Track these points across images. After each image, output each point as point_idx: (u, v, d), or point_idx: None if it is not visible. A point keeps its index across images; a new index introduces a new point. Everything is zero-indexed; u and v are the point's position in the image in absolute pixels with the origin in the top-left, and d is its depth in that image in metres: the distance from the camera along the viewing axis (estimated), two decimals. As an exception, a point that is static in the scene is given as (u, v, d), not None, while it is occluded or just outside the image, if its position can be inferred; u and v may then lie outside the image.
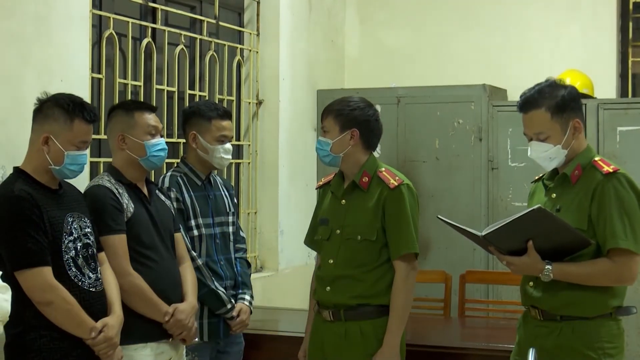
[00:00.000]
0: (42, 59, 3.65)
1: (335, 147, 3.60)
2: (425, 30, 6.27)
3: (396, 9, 6.36)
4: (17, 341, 3.07)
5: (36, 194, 3.07)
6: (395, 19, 6.36)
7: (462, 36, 6.17)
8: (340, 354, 3.59)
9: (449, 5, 6.22)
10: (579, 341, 3.14)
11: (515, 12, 6.07)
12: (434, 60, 6.19)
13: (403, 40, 6.31)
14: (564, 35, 5.94)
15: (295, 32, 5.69)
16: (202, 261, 3.92)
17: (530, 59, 5.85)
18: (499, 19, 6.10)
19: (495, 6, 6.11)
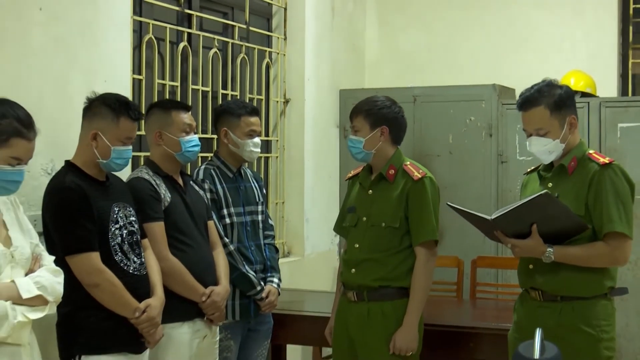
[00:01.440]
0: (87, 61, 3.67)
1: (368, 144, 3.63)
2: (439, 34, 6.27)
3: (412, 15, 6.36)
4: (67, 320, 3.12)
5: (85, 186, 3.12)
6: (411, 24, 6.38)
7: (473, 39, 6.17)
8: (363, 333, 3.62)
9: (461, 10, 6.21)
10: (578, 319, 3.18)
11: (522, 17, 6.06)
12: (447, 62, 6.18)
13: (419, 44, 6.32)
14: (568, 38, 5.93)
15: (319, 37, 5.71)
16: (234, 247, 3.94)
17: (537, 60, 5.83)
18: (508, 23, 6.09)
19: (504, 11, 6.10)
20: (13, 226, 2.76)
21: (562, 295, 3.22)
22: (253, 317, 4.04)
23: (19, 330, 2.61)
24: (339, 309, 3.80)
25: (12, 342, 2.61)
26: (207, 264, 3.69)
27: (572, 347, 3.01)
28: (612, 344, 3.23)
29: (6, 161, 2.64)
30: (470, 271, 5.07)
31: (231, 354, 3.99)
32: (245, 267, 3.95)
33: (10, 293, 2.60)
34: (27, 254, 2.74)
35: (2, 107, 2.68)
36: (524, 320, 3.34)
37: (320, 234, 5.57)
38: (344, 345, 3.73)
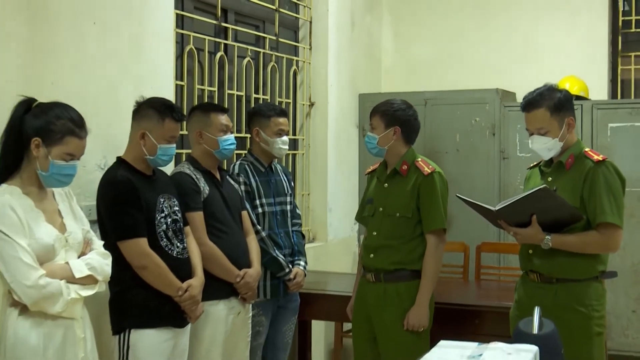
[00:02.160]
0: (135, 69, 3.67)
1: (381, 141, 3.65)
2: (448, 43, 6.22)
3: (423, 27, 6.32)
4: (118, 298, 3.15)
5: (134, 179, 3.14)
6: (422, 34, 6.33)
7: (478, 48, 6.11)
8: (380, 310, 3.62)
9: (467, 22, 6.16)
10: (572, 299, 3.17)
11: (522, 28, 6.01)
12: (454, 69, 6.13)
13: (429, 52, 6.27)
14: (564, 47, 5.86)
15: (340, 47, 5.68)
16: (265, 233, 3.94)
17: (535, 67, 5.76)
18: (509, 33, 6.04)
19: (506, 23, 6.04)
20: (67, 214, 2.78)
21: (558, 278, 3.22)
22: (282, 295, 4.04)
23: (72, 305, 2.64)
24: (358, 289, 3.80)
25: (67, 316, 2.64)
26: (241, 249, 3.69)
27: (566, 324, 2.97)
28: (602, 322, 3.23)
29: (61, 157, 2.66)
30: (475, 255, 5.05)
31: (263, 329, 3.99)
32: (275, 251, 3.95)
33: (65, 273, 2.64)
34: (79, 239, 2.76)
35: (57, 110, 2.70)
36: (524, 300, 3.33)
37: (341, 222, 5.55)
38: (363, 321, 3.73)
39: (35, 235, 2.60)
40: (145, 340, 3.13)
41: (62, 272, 2.63)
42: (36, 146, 2.64)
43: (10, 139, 2.68)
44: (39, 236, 2.61)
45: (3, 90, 2.86)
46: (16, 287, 2.54)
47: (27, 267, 2.53)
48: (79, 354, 2.69)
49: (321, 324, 5.35)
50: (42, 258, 2.60)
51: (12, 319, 2.60)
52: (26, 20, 3.09)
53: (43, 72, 3.17)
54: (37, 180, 2.70)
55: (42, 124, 2.66)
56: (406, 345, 3.54)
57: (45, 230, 2.64)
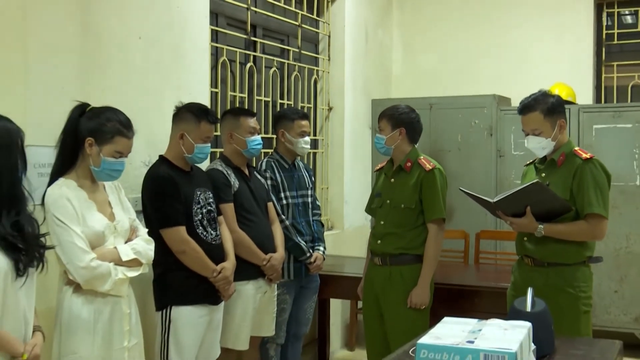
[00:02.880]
0: (176, 78, 3.68)
1: (388, 141, 3.64)
2: (450, 55, 6.19)
3: (429, 40, 6.28)
4: (160, 279, 3.18)
5: (174, 174, 3.16)
6: (428, 47, 6.30)
7: (478, 59, 6.08)
8: (386, 290, 3.62)
9: (468, 36, 6.12)
10: (562, 281, 3.15)
11: (517, 41, 5.96)
12: (456, 77, 6.09)
13: (434, 63, 6.24)
14: (554, 58, 5.83)
15: (355, 58, 5.66)
16: (289, 222, 3.94)
17: (528, 75, 5.73)
18: (505, 45, 6.00)
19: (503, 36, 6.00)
20: (116, 205, 2.80)
21: (550, 262, 3.19)
22: (304, 277, 4.03)
23: (119, 285, 2.66)
24: (367, 271, 3.80)
25: (114, 294, 2.66)
26: (267, 236, 3.70)
27: (557, 303, 2.99)
28: (589, 301, 3.20)
29: (111, 154, 2.68)
30: (474, 242, 5.03)
31: (287, 306, 3.99)
32: (297, 238, 3.95)
33: (113, 256, 2.66)
34: (126, 227, 2.78)
35: (108, 113, 2.72)
36: (519, 281, 3.30)
37: (356, 212, 5.53)
38: (371, 300, 3.72)
39: (87, 223, 2.62)
40: (184, 315, 3.15)
41: (110, 255, 2.65)
42: (89, 145, 2.67)
43: (67, 138, 2.70)
44: (91, 224, 2.63)
45: (62, 97, 2.87)
46: (71, 268, 2.56)
47: (80, 251, 2.55)
48: (125, 327, 2.71)
49: (338, 302, 5.35)
50: (94, 243, 2.62)
51: (67, 296, 2.63)
52: (81, 36, 3.10)
53: (95, 81, 3.18)
54: (90, 174, 2.72)
55: (95, 125, 2.68)
56: (409, 321, 3.53)
57: (96, 218, 2.66)
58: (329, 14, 5.54)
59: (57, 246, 2.53)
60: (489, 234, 5.12)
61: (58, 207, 2.57)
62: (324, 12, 5.52)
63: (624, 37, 5.88)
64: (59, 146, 2.71)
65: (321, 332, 5.06)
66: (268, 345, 3.99)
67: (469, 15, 6.14)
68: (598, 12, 5.89)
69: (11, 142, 2.19)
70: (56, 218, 2.55)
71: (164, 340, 3.13)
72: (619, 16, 5.90)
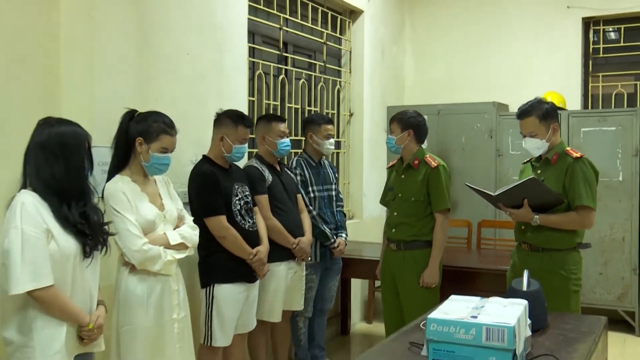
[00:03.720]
0: (218, 88, 3.68)
1: (398, 141, 3.62)
2: (455, 67, 6.14)
3: (436, 55, 6.24)
4: (205, 260, 3.19)
5: (216, 171, 3.17)
6: (435, 61, 6.24)
7: (479, 70, 6.03)
8: (401, 272, 3.60)
9: (470, 50, 6.07)
10: (555, 265, 3.10)
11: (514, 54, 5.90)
12: (461, 87, 6.05)
13: (441, 74, 6.19)
14: (546, 69, 5.76)
15: (373, 70, 5.63)
16: (316, 212, 3.93)
17: (524, 84, 5.70)
18: (503, 58, 5.94)
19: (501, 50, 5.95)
20: (165, 197, 2.80)
21: (544, 248, 3.14)
22: (328, 259, 4.02)
23: (168, 265, 2.66)
24: (384, 256, 3.77)
25: (164, 273, 2.67)
26: (297, 223, 3.69)
27: (550, 284, 2.95)
28: (578, 282, 3.15)
29: (158, 150, 2.69)
30: (477, 230, 4.99)
31: (314, 284, 3.98)
32: (323, 226, 3.93)
33: (163, 241, 2.66)
34: (174, 215, 2.78)
35: (153, 116, 2.74)
36: (517, 264, 3.25)
37: (373, 204, 5.49)
38: (388, 280, 3.70)
39: (140, 213, 2.63)
40: (225, 292, 3.15)
41: (160, 240, 2.65)
42: (139, 144, 2.68)
43: (120, 140, 2.72)
44: (143, 213, 2.64)
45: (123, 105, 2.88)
46: (126, 252, 2.57)
47: (134, 237, 2.56)
48: (174, 302, 2.71)
49: (358, 281, 5.33)
50: (146, 230, 2.63)
51: (124, 276, 2.64)
52: (139, 54, 3.12)
53: (150, 91, 3.19)
54: (142, 170, 2.72)
55: (143, 127, 2.69)
56: (421, 298, 3.51)
57: (148, 208, 2.67)
58: (350, 32, 5.51)
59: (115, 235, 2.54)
60: (489, 223, 5.07)
61: (115, 199, 2.58)
62: (346, 30, 5.49)
63: (608, 51, 5.80)
64: (114, 147, 2.73)
65: (343, 307, 5.06)
66: (297, 318, 3.99)
67: (472, 32, 6.09)
68: (585, 29, 5.81)
69: (80, 144, 2.23)
70: (113, 209, 2.57)
71: (208, 314, 3.14)
72: (604, 33, 5.82)
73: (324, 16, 5.16)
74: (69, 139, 2.20)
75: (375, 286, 5.31)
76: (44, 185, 2.16)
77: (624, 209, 4.97)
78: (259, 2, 4.29)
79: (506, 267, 3.46)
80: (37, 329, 2.13)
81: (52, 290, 2.12)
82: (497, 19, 5.98)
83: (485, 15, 6.03)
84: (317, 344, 4.17)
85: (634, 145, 4.92)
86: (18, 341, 2.13)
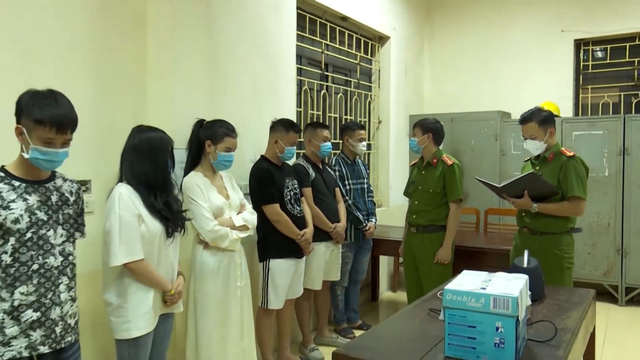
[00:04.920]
0: (273, 101, 3.68)
1: (419, 143, 3.57)
2: (466, 82, 6.01)
3: (450, 72, 6.11)
4: (262, 240, 3.19)
5: (271, 168, 3.17)
6: (450, 77, 6.12)
7: (486, 84, 5.89)
8: (420, 250, 3.55)
9: (479, 68, 5.94)
10: (551, 246, 3.02)
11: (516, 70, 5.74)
12: (470, 99, 5.94)
13: (454, 88, 6.08)
14: (543, 82, 5.59)
15: (397, 86, 5.55)
16: (351, 202, 3.90)
17: (524, 95, 5.57)
18: (506, 74, 5.79)
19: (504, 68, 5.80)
20: (230, 189, 2.81)
21: (542, 231, 3.05)
22: (361, 240, 4.00)
23: (234, 243, 2.68)
24: (406, 237, 3.72)
25: (230, 249, 2.69)
26: (334, 211, 3.67)
27: (547, 262, 2.89)
28: (571, 261, 3.05)
29: (223, 150, 2.71)
30: (484, 216, 4.89)
31: (349, 260, 3.97)
32: (357, 212, 3.91)
33: (229, 223, 2.68)
34: (237, 203, 2.79)
35: (219, 123, 2.77)
36: (519, 245, 3.17)
37: (398, 195, 5.44)
38: (409, 257, 3.66)
39: (211, 201, 2.65)
40: (278, 265, 3.16)
41: (227, 222, 2.67)
42: (208, 146, 2.71)
43: (193, 143, 2.76)
44: (213, 201, 2.66)
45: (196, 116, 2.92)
46: (201, 231, 2.60)
47: (206, 219, 2.58)
48: (237, 273, 2.73)
49: (385, 258, 5.29)
50: (216, 214, 2.65)
51: (199, 251, 2.67)
52: (208, 74, 3.13)
53: (219, 104, 3.21)
54: (211, 167, 2.75)
55: (211, 132, 2.72)
56: (437, 272, 3.46)
57: (217, 197, 2.69)
58: (379, 54, 5.45)
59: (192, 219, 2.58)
60: (494, 211, 4.96)
61: (191, 190, 2.61)
62: (376, 53, 5.43)
63: (596, 67, 5.60)
64: (188, 150, 2.77)
65: (373, 279, 5.04)
66: (336, 287, 3.99)
67: (480, 53, 5.95)
68: (577, 49, 5.62)
69: (164, 147, 2.26)
70: (190, 198, 2.60)
71: (265, 283, 3.15)
72: (592, 52, 5.62)
73: (358, 42, 5.12)
74: (156, 142, 2.23)
75: (399, 262, 5.27)
76: (136, 180, 2.20)
77: (610, 200, 4.81)
78: (305, 31, 4.28)
79: (509, 247, 3.38)
80: (130, 293, 2.17)
81: (143, 263, 2.16)
82: (501, 42, 5.84)
83: (491, 39, 5.90)
84: (352, 308, 4.16)
85: (618, 146, 4.76)
86: (116, 302, 2.18)
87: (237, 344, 2.71)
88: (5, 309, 1.69)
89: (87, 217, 2.34)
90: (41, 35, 2.36)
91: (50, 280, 1.78)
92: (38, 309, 1.74)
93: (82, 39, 2.53)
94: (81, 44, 2.53)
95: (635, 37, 5.37)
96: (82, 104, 2.48)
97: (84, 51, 2.54)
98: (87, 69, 2.55)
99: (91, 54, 2.57)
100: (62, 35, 2.45)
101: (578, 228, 3.10)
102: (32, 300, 1.73)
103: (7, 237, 1.69)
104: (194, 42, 3.03)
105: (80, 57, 2.52)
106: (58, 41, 2.43)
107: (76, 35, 2.51)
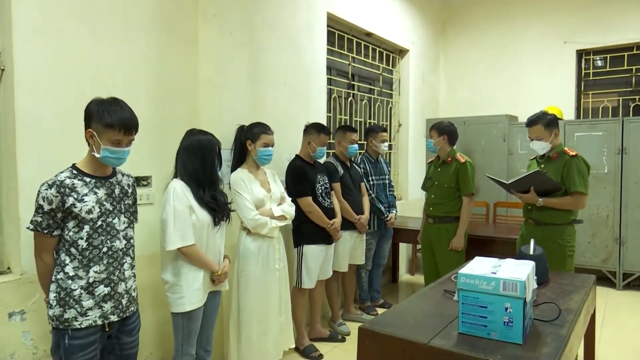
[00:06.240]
0: (306, 108, 3.65)
1: (436, 144, 3.49)
2: (477, 89, 5.86)
3: (463, 81, 5.97)
4: (297, 228, 3.17)
5: (305, 166, 3.14)
6: (463, 85, 5.98)
7: (495, 91, 5.72)
8: (436, 239, 3.48)
9: (489, 76, 5.78)
10: (555, 235, 2.91)
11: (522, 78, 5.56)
12: (481, 104, 5.80)
13: (466, 95, 5.94)
14: (548, 89, 5.41)
15: (416, 92, 5.46)
16: (374, 195, 3.85)
17: (530, 100, 5.40)
18: (514, 81, 5.61)
19: (512, 74, 5.62)
20: (272, 183, 2.81)
21: (546, 222, 2.94)
22: (383, 229, 3.95)
23: (273, 230, 2.68)
24: (424, 227, 3.64)
25: (270, 236, 2.69)
26: (359, 204, 3.62)
27: (550, 250, 2.80)
28: (572, 249, 2.94)
29: (262, 146, 2.70)
30: (493, 209, 4.77)
31: (372, 246, 3.92)
32: (379, 204, 3.87)
33: (269, 213, 2.68)
34: (277, 196, 2.79)
35: (255, 123, 2.77)
36: (525, 235, 3.06)
37: (416, 189, 5.37)
38: (427, 245, 3.59)
39: (254, 193, 2.65)
40: (311, 250, 3.14)
41: (268, 212, 2.67)
42: (249, 145, 2.72)
43: (237, 145, 2.77)
44: (256, 194, 2.66)
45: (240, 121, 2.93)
46: (244, 220, 2.61)
47: (249, 209, 2.59)
48: (276, 256, 2.74)
49: (404, 245, 5.22)
50: (258, 205, 2.65)
51: (242, 237, 2.69)
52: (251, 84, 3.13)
53: (259, 111, 3.20)
54: (255, 164, 2.75)
55: (249, 133, 2.73)
56: (451, 258, 3.39)
57: (259, 190, 2.69)
58: (399, 65, 5.37)
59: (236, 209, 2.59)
60: (502, 204, 4.82)
61: (237, 184, 2.63)
62: (396, 64, 5.35)
63: (596, 75, 5.37)
64: (233, 150, 2.78)
65: (393, 263, 4.98)
66: (360, 270, 3.96)
67: (490, 63, 5.79)
68: (578, 58, 5.41)
69: (212, 148, 2.27)
70: (236, 191, 2.62)
71: (299, 265, 3.14)
72: (593, 61, 5.40)
73: (380, 54, 5.05)
74: (205, 144, 2.25)
75: (417, 248, 5.20)
76: (188, 176, 2.22)
77: (608, 194, 4.62)
78: (335, 46, 4.25)
79: (516, 236, 3.29)
80: (184, 273, 2.20)
81: (194, 248, 2.18)
82: (509, 53, 5.67)
83: (500, 50, 5.73)
84: (375, 288, 4.12)
85: (616, 146, 4.56)
86: (172, 281, 2.21)
87: (275, 319, 2.72)
88: (82, 285, 1.75)
89: (148, 207, 2.37)
90: (112, 51, 2.42)
91: (117, 260, 1.83)
92: (108, 284, 1.79)
93: (145, 55, 2.58)
94: (145, 59, 2.58)
95: (633, 47, 5.16)
96: (144, 111, 2.54)
97: (147, 66, 2.59)
98: (149, 81, 2.60)
99: (153, 68, 2.62)
100: (130, 51, 2.50)
101: (579, 220, 2.98)
102: (103, 278, 1.79)
103: (82, 225, 1.75)
104: (239, 57, 3.03)
105: (144, 71, 2.57)
106: (127, 57, 2.49)
107: (141, 52, 2.56)
